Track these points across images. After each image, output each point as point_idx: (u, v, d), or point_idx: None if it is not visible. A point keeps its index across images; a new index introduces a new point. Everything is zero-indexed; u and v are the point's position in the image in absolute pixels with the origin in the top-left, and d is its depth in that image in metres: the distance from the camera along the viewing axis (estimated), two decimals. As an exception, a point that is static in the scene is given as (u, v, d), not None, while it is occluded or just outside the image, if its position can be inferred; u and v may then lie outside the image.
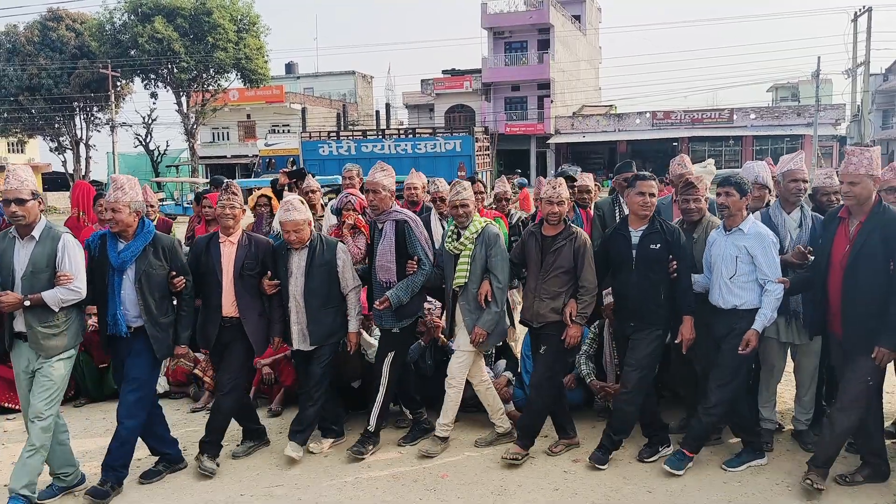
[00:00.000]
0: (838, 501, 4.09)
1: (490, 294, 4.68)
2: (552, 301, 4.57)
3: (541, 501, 4.17)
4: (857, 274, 4.01)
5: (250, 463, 4.79)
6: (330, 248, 4.79)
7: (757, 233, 4.31)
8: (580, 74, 46.16)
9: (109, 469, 4.31)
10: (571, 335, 4.55)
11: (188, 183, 36.15)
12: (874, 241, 3.96)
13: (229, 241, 4.64)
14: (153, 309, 4.28)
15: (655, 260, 4.43)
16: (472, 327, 4.69)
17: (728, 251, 4.35)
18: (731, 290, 4.32)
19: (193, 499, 4.27)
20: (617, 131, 40.87)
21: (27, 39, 37.51)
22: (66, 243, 4.10)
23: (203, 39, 35.25)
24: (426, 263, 4.78)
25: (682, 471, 4.42)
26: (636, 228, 4.53)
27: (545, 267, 4.60)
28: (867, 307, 3.98)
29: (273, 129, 45.19)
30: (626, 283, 4.54)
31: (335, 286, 4.79)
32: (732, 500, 4.12)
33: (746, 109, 39.43)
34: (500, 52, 43.59)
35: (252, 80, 37.84)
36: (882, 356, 3.95)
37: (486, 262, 4.71)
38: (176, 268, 4.40)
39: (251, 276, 4.62)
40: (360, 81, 53.64)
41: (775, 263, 4.28)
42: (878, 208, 4.02)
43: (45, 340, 4.01)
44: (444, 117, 44.35)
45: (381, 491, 4.34)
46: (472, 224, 4.74)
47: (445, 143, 23.87)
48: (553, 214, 4.58)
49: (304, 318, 4.72)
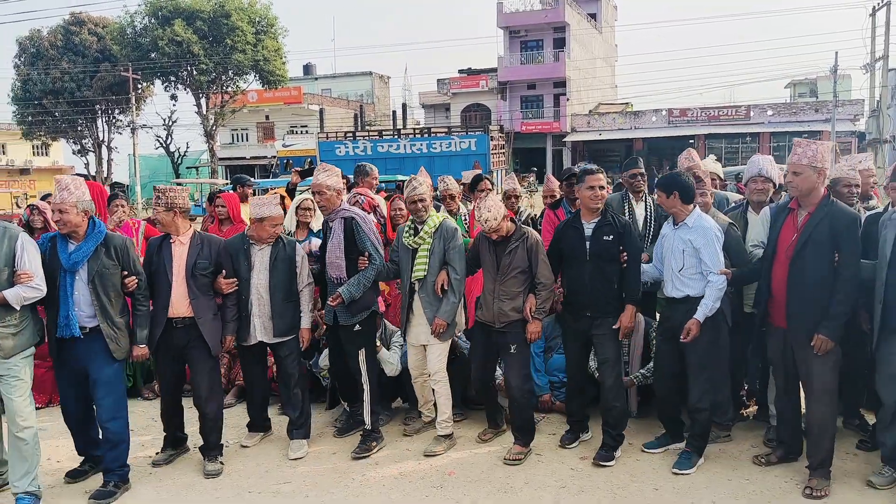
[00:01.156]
0: (847, 499, 4.05)
1: (447, 283, 4.80)
2: (512, 301, 4.68)
3: (547, 499, 4.17)
4: (803, 265, 4.10)
5: (258, 461, 4.84)
6: (290, 245, 5.00)
7: (701, 226, 4.45)
8: (596, 72, 45.91)
9: (109, 472, 4.37)
10: (532, 331, 4.69)
11: (208, 184, 36.46)
12: (821, 233, 4.06)
13: (179, 240, 4.66)
14: (108, 309, 4.27)
15: (608, 251, 4.57)
16: (433, 319, 4.80)
17: (676, 245, 4.51)
18: (682, 281, 4.47)
19: (202, 497, 4.33)
20: (633, 129, 40.59)
21: (50, 44, 38.06)
22: (23, 242, 4.12)
23: (222, 41, 35.54)
24: (376, 258, 4.88)
25: (693, 469, 4.43)
26: (588, 221, 4.66)
27: (502, 269, 4.71)
28: (812, 298, 4.07)
29: (291, 130, 45.48)
30: (580, 276, 4.65)
31: (294, 282, 4.95)
32: (739, 497, 4.11)
33: (763, 106, 38.96)
34: (515, 51, 43.50)
35: (270, 81, 38.08)
36: (821, 343, 4.03)
37: (445, 256, 4.83)
38: (128, 267, 4.39)
39: (204, 275, 4.64)
40: (377, 82, 53.79)
41: (717, 256, 4.40)
42: (826, 201, 4.13)
43: (4, 340, 4.02)
44: (460, 116, 44.36)
45: (387, 488, 4.37)
46: (430, 219, 4.85)
47: (460, 141, 23.86)
48: (493, 231, 4.66)
49: (268, 310, 4.84)
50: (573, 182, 5.84)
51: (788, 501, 4.04)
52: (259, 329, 4.87)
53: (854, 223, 4.09)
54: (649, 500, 4.11)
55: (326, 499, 4.24)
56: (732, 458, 4.62)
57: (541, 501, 4.13)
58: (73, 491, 4.46)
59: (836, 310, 4.03)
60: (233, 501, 4.25)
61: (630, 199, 5.73)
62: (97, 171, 41.01)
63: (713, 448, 4.72)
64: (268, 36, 37.15)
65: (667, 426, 4.79)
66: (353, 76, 53.02)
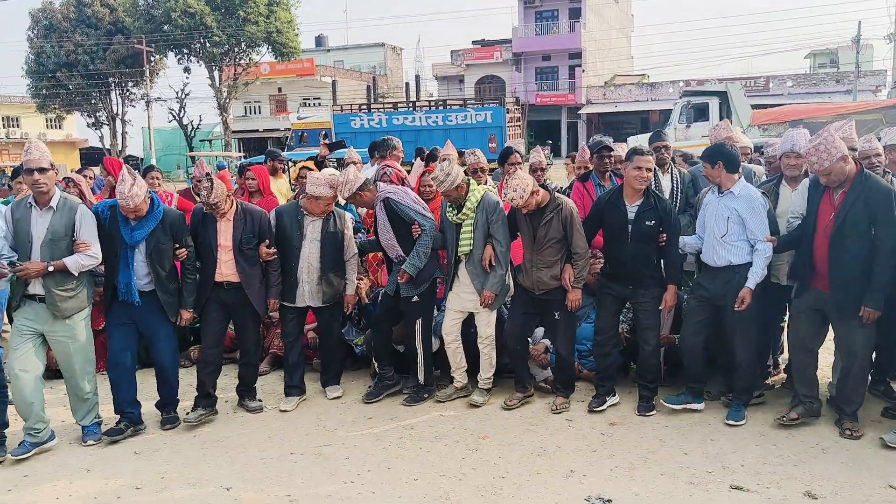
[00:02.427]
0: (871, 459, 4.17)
1: (494, 258, 4.96)
2: (549, 269, 4.88)
3: (579, 462, 4.32)
4: (842, 240, 4.26)
5: (299, 424, 5.01)
6: (341, 219, 5.31)
7: (747, 195, 4.59)
8: (612, 43, 45.40)
9: (167, 405, 5.02)
10: (572, 299, 4.89)
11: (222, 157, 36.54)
12: (858, 209, 4.21)
13: (226, 218, 4.98)
14: (162, 278, 4.74)
15: (650, 234, 4.76)
16: (482, 290, 4.98)
17: (720, 212, 4.64)
18: (726, 247, 4.62)
19: (247, 457, 4.50)
20: (649, 101, 40.22)
21: (63, 16, 38.01)
22: (82, 213, 4.50)
23: (234, 13, 35.41)
24: (425, 224, 5.07)
25: (744, 420, 4.72)
26: (632, 203, 4.80)
27: (538, 240, 4.87)
28: (852, 271, 4.26)
29: (304, 103, 45.34)
30: (622, 253, 4.85)
31: (341, 253, 5.29)
32: (767, 461, 4.23)
33: (783, 77, 38.49)
34: (530, 22, 43.06)
35: (283, 53, 37.96)
36: (868, 314, 4.26)
37: (488, 228, 4.98)
38: (180, 241, 4.81)
39: (250, 248, 4.99)
40: (390, 53, 53.43)
41: (764, 223, 4.56)
42: (860, 177, 4.25)
43: (63, 303, 4.42)
44: (473, 88, 44.08)
45: (424, 451, 4.53)
46: (471, 194, 5.00)
47: (476, 114, 23.69)
48: (522, 207, 4.80)
49: (317, 278, 5.17)
50: (604, 154, 5.92)
51: (814, 465, 4.16)
52: (307, 294, 5.22)
53: (889, 196, 4.20)
54: (679, 465, 4.24)
55: (366, 460, 4.41)
56: (759, 424, 4.74)
57: (573, 465, 4.27)
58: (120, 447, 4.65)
59: (879, 281, 4.22)
60: (278, 462, 4.42)
61: (656, 171, 5.81)
62: (111, 144, 41.17)
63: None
64: (280, 7, 36.97)
65: (690, 385, 4.95)
66: (365, 48, 52.68)
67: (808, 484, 3.96)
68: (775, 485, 3.97)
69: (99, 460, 4.50)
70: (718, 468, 4.17)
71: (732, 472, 4.12)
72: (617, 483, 4.05)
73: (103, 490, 4.11)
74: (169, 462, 4.46)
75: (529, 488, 4.02)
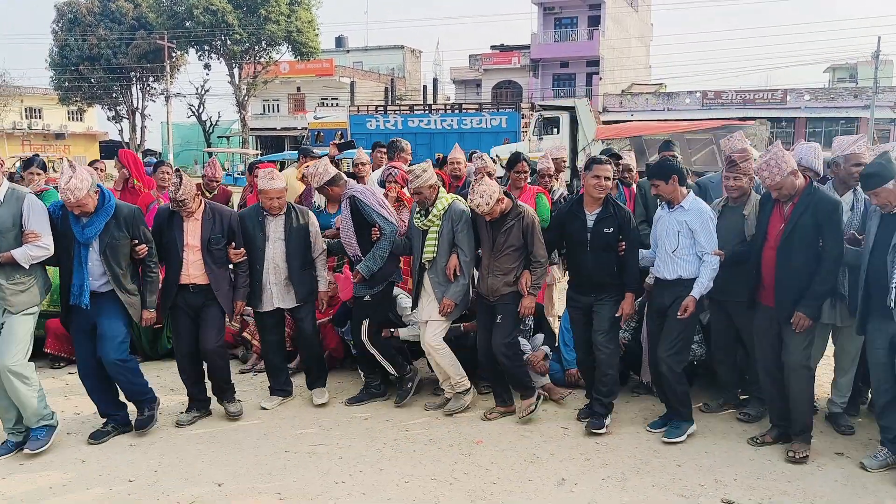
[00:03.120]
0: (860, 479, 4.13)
1: (458, 268, 4.95)
2: (505, 276, 4.87)
3: (571, 470, 4.30)
4: (790, 251, 4.32)
5: (295, 423, 5.03)
6: (304, 215, 5.21)
7: (697, 208, 4.63)
8: (630, 52, 45.27)
9: (138, 402, 4.76)
10: (526, 305, 4.88)
11: (238, 154, 36.81)
12: (806, 221, 4.27)
13: (193, 217, 4.84)
14: (120, 277, 4.50)
15: (609, 242, 4.74)
16: (442, 298, 4.96)
17: (671, 226, 4.66)
18: (675, 261, 4.63)
19: (241, 454, 4.53)
20: (666, 110, 40.02)
21: (88, 10, 38.52)
22: (30, 203, 4.30)
23: (256, 12, 35.71)
24: (386, 228, 5.05)
25: (684, 436, 4.67)
26: (591, 211, 4.80)
27: (497, 246, 4.87)
28: (797, 281, 4.30)
29: (322, 102, 45.59)
30: (583, 263, 4.83)
31: (309, 250, 5.21)
32: (761, 475, 4.20)
33: (801, 90, 38.20)
34: (549, 28, 43.02)
35: (303, 53, 38.24)
36: (799, 320, 4.27)
37: (453, 238, 4.96)
38: (137, 236, 4.59)
39: (218, 248, 4.86)
40: (409, 56, 53.60)
41: (712, 236, 4.58)
42: (809, 189, 4.33)
43: (14, 297, 4.24)
44: (491, 93, 44.09)
45: (418, 453, 4.53)
46: (438, 201, 4.95)
47: (491, 118, 23.76)
48: (487, 214, 4.79)
49: (285, 278, 5.10)
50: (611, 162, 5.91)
51: (809, 482, 4.12)
52: (276, 296, 5.14)
53: (836, 209, 4.28)
54: (672, 476, 4.22)
55: (359, 461, 4.41)
56: (755, 439, 4.70)
57: (565, 473, 4.26)
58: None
59: (817, 289, 4.27)
60: (272, 460, 4.44)
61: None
62: (130, 137, 41.59)
63: (737, 427, 4.84)
64: (301, 7, 37.25)
65: (668, 405, 4.87)
66: (384, 49, 52.88)
67: (801, 501, 3.93)
68: (768, 500, 3.93)
69: (95, 452, 4.54)
70: (711, 481, 4.15)
71: (725, 486, 4.09)
72: (608, 493, 4.03)
73: (96, 481, 4.15)
74: (163, 456, 4.49)
75: (519, 495, 4.01)
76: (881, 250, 4.13)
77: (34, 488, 4.07)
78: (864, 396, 5.22)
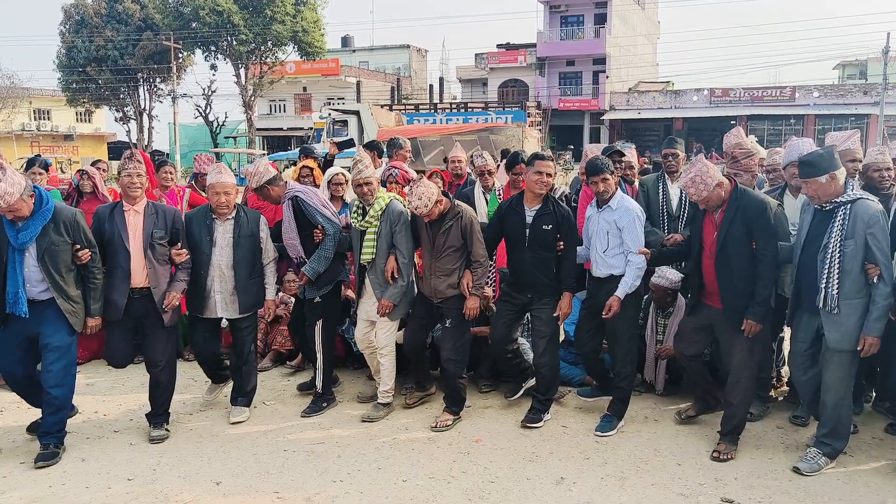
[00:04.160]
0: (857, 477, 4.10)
1: (396, 270, 4.90)
2: (447, 278, 4.83)
3: (570, 469, 4.28)
4: (726, 258, 4.32)
5: (294, 422, 5.03)
6: (254, 219, 4.96)
7: (624, 207, 4.65)
8: (637, 49, 45.09)
9: (48, 435, 4.39)
10: (470, 307, 4.80)
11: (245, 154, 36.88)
12: (737, 227, 4.27)
13: (134, 210, 4.63)
14: (61, 284, 4.25)
15: (546, 240, 4.71)
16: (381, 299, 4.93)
17: (600, 226, 4.71)
18: (606, 261, 4.69)
19: (240, 452, 4.52)
20: (673, 108, 39.91)
21: (95, 12, 38.64)
22: None
23: (261, 12, 35.76)
24: (330, 228, 4.96)
25: (614, 431, 4.75)
26: (531, 207, 4.76)
27: (437, 247, 4.82)
28: (738, 287, 4.31)
29: (328, 102, 45.60)
30: (521, 260, 4.80)
31: (258, 257, 4.97)
32: (761, 474, 4.17)
33: (809, 87, 37.97)
34: (555, 27, 42.91)
35: (309, 53, 38.29)
36: (750, 327, 4.28)
37: (392, 238, 4.89)
38: (79, 240, 4.35)
39: (161, 244, 4.63)
40: (415, 55, 53.58)
41: (638, 235, 4.62)
42: (736, 193, 4.32)
43: None
44: (497, 92, 44.05)
45: (416, 452, 4.52)
46: (377, 201, 4.89)
47: (497, 117, 23.76)
48: (425, 216, 4.76)
49: (231, 287, 4.86)
50: (614, 159, 5.87)
51: (810, 481, 4.09)
52: (220, 305, 4.89)
53: (765, 210, 4.27)
54: (672, 475, 4.19)
55: (358, 459, 4.41)
56: (757, 438, 4.68)
57: (564, 472, 4.24)
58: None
59: (761, 294, 4.26)
60: (269, 458, 4.43)
61: (665, 179, 5.76)
62: (138, 138, 41.73)
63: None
64: (307, 7, 37.29)
65: (597, 381, 5.17)
66: (390, 49, 52.88)
67: (802, 500, 3.89)
68: (768, 499, 3.90)
69: (95, 451, 4.55)
70: (711, 480, 4.12)
71: (725, 485, 4.06)
72: (606, 492, 4.01)
73: (95, 480, 4.15)
74: (162, 455, 4.49)
75: (517, 493, 3.99)
76: (812, 248, 4.16)
77: (34, 487, 4.07)
78: (868, 394, 5.19)
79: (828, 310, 4.06)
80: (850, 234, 3.98)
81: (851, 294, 4.01)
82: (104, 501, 3.92)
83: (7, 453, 4.51)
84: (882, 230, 3.96)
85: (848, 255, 3.99)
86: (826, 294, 4.05)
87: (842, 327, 4.05)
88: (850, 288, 4.00)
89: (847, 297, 4.01)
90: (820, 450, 4.23)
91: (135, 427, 4.92)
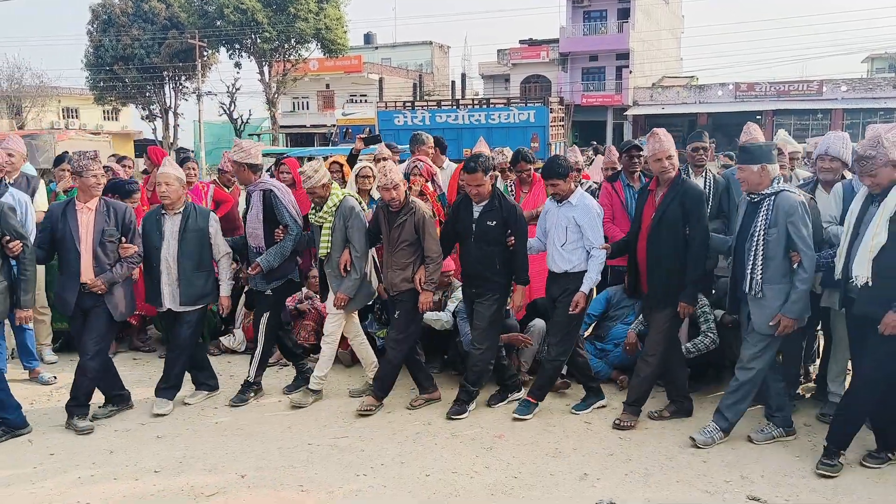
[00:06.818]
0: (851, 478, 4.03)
1: (349, 263, 4.98)
2: (402, 272, 4.95)
3: (594, 465, 4.26)
4: (659, 237, 4.56)
5: (319, 415, 5.06)
6: (203, 215, 5.14)
7: (584, 204, 4.78)
8: (661, 44, 44.60)
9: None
10: (423, 301, 4.94)
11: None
12: (674, 210, 4.50)
13: (87, 207, 4.70)
14: None
15: (490, 235, 4.83)
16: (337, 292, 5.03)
17: (559, 221, 4.81)
18: (563, 255, 4.78)
19: (265, 446, 4.57)
20: (697, 103, 39.42)
21: (122, 11, 39.11)
22: None
23: (285, 10, 35.96)
24: (294, 229, 5.09)
25: (531, 415, 4.89)
26: (478, 203, 4.89)
27: (391, 241, 4.94)
28: (667, 267, 4.56)
29: (351, 99, 45.78)
30: (468, 253, 4.97)
31: (207, 252, 5.12)
32: (789, 472, 4.12)
33: (837, 81, 37.30)
34: (578, 22, 42.60)
35: (331, 50, 38.42)
36: (683, 309, 4.57)
37: (346, 233, 4.99)
38: (9, 232, 4.39)
39: (112, 242, 4.73)
40: (437, 51, 53.52)
41: (599, 231, 4.78)
42: (678, 180, 4.58)
43: None
44: (519, 87, 43.84)
45: (439, 447, 4.53)
46: (330, 197, 4.99)
47: (519, 113, 23.64)
48: (392, 200, 4.87)
49: (176, 280, 5.01)
50: (633, 154, 5.84)
51: (838, 479, 4.03)
52: (167, 297, 5.05)
53: (701, 197, 4.59)
54: (697, 472, 4.15)
55: (381, 454, 4.42)
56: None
57: (587, 468, 4.22)
58: (146, 435, 4.77)
59: (691, 276, 4.54)
60: (294, 452, 4.47)
61: (690, 172, 5.70)
62: (164, 136, 42.20)
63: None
64: (330, 4, 37.40)
65: (586, 388, 5.18)
66: (412, 45, 52.87)
67: (830, 498, 3.85)
68: (795, 497, 3.86)
69: (122, 443, 4.62)
70: (737, 478, 4.08)
71: (752, 483, 4.02)
72: (630, 488, 3.98)
73: (123, 472, 4.21)
74: (189, 447, 4.55)
75: (540, 489, 3.99)
76: (743, 237, 4.33)
77: (63, 477, 4.15)
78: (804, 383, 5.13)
79: (753, 294, 4.25)
80: (773, 223, 4.18)
81: (775, 279, 4.20)
82: (131, 493, 3.98)
83: (38, 444, 4.59)
84: (801, 219, 4.13)
85: (771, 243, 4.18)
86: (751, 279, 4.24)
87: (766, 310, 4.23)
88: (774, 273, 4.20)
89: (770, 281, 4.21)
90: (717, 423, 4.45)
91: (162, 420, 4.98)
